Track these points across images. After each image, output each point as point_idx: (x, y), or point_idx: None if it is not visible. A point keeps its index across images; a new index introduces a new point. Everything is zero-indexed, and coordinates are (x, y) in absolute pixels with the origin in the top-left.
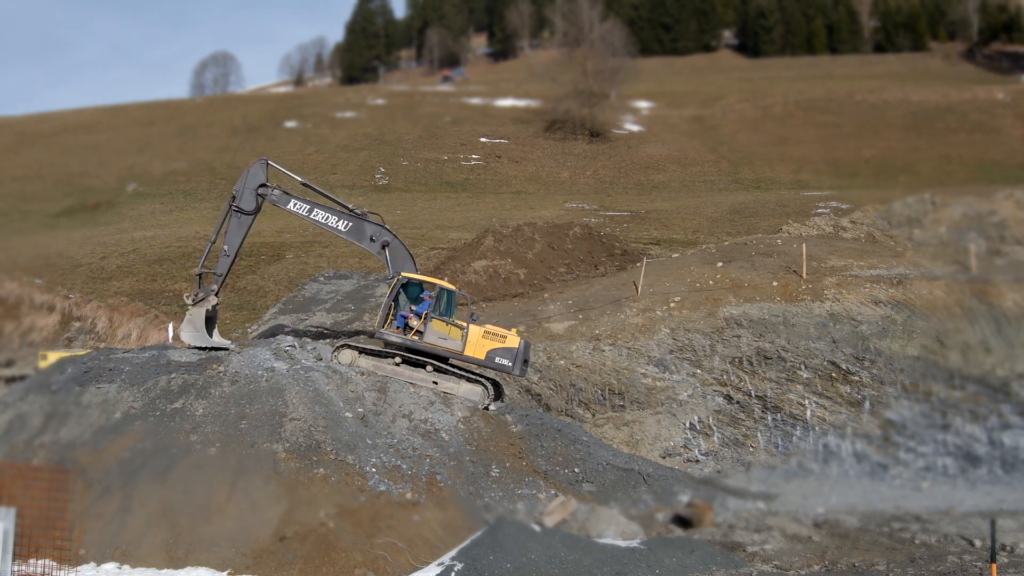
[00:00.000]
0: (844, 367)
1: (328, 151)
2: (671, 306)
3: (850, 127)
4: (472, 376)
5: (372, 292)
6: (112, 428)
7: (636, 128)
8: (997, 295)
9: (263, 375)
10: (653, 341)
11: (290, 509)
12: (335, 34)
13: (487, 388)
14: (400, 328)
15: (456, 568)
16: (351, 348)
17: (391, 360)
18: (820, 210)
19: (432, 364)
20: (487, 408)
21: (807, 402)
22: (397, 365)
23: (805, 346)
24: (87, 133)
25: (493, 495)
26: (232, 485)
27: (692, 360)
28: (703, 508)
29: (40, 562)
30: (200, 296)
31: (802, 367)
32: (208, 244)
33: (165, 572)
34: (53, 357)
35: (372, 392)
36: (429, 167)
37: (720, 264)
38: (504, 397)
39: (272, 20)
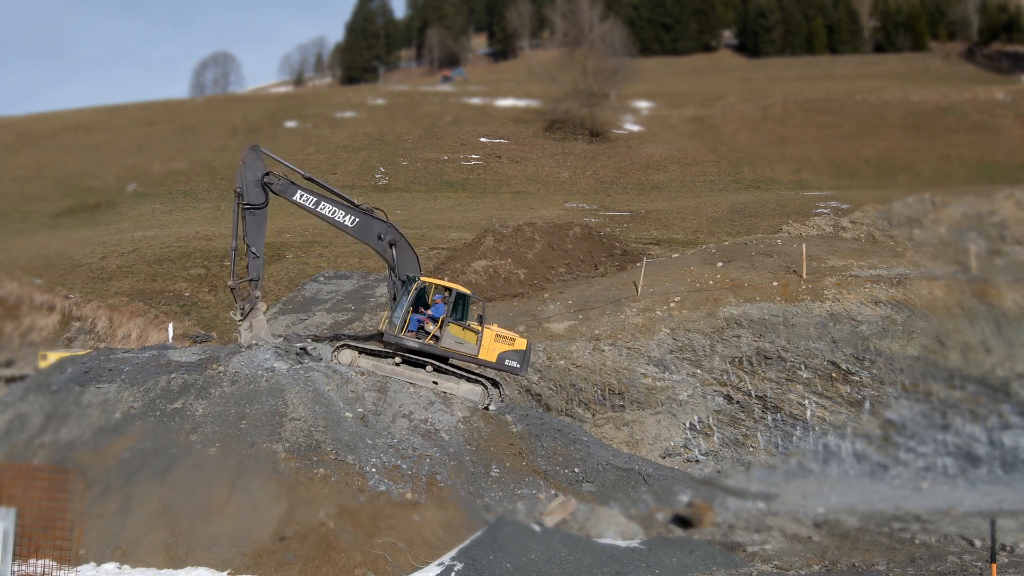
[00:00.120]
0: (844, 367)
1: (328, 151)
2: (671, 306)
3: (850, 127)
4: (471, 376)
5: (372, 292)
6: (112, 428)
7: (636, 128)
8: (997, 295)
9: (263, 375)
10: (653, 341)
11: (290, 509)
12: (335, 34)
13: (487, 388)
14: (413, 332)
15: (456, 568)
16: (351, 348)
17: (391, 360)
18: (820, 210)
19: (432, 364)
20: (487, 408)
21: (807, 402)
22: (397, 365)
23: (805, 346)
24: (87, 133)
25: (493, 495)
26: (232, 485)
27: (692, 360)
28: (703, 508)
29: (40, 562)
30: (247, 308)
31: (802, 367)
32: (232, 252)
33: (165, 572)
34: (53, 357)
35: (372, 392)
36: (429, 167)
37: (720, 264)
38: (504, 395)
39: (273, 20)
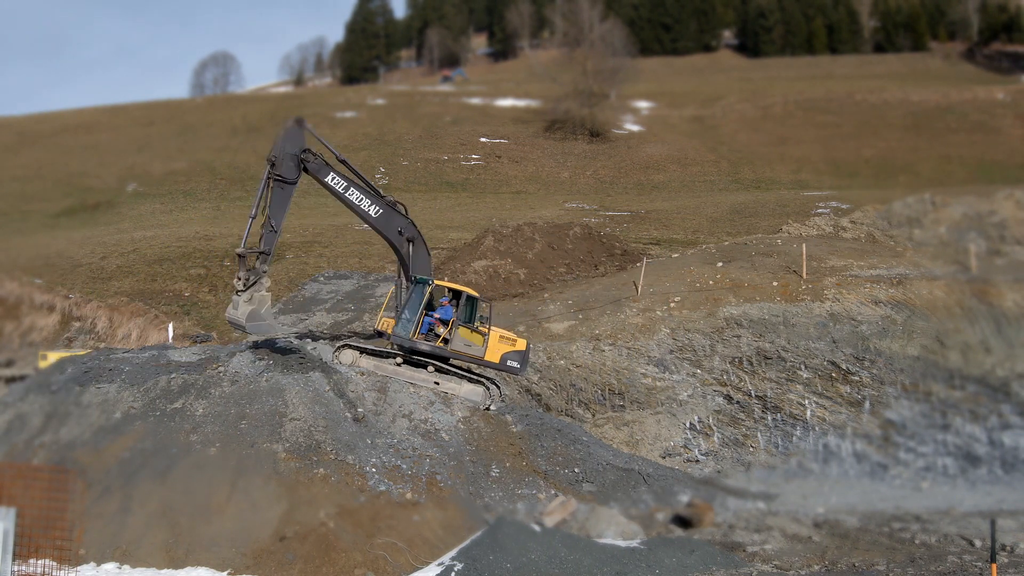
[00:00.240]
0: (844, 367)
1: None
2: (671, 306)
3: (850, 127)
4: (472, 376)
5: (372, 292)
6: (112, 428)
7: (636, 128)
8: (997, 295)
9: (263, 375)
10: (653, 341)
11: (290, 509)
12: (335, 34)
13: (488, 388)
14: (423, 335)
15: (456, 568)
16: (352, 348)
17: (392, 360)
18: (820, 210)
19: (433, 364)
20: (488, 408)
21: (807, 402)
22: (398, 365)
23: (805, 346)
24: (87, 133)
25: (493, 495)
26: (232, 485)
27: (692, 360)
28: (703, 508)
29: (40, 562)
30: (251, 279)
31: (802, 367)
32: (249, 220)
33: (165, 572)
34: (53, 357)
35: (372, 392)
36: (429, 167)
37: (720, 264)
38: (504, 395)
39: (275, 19)
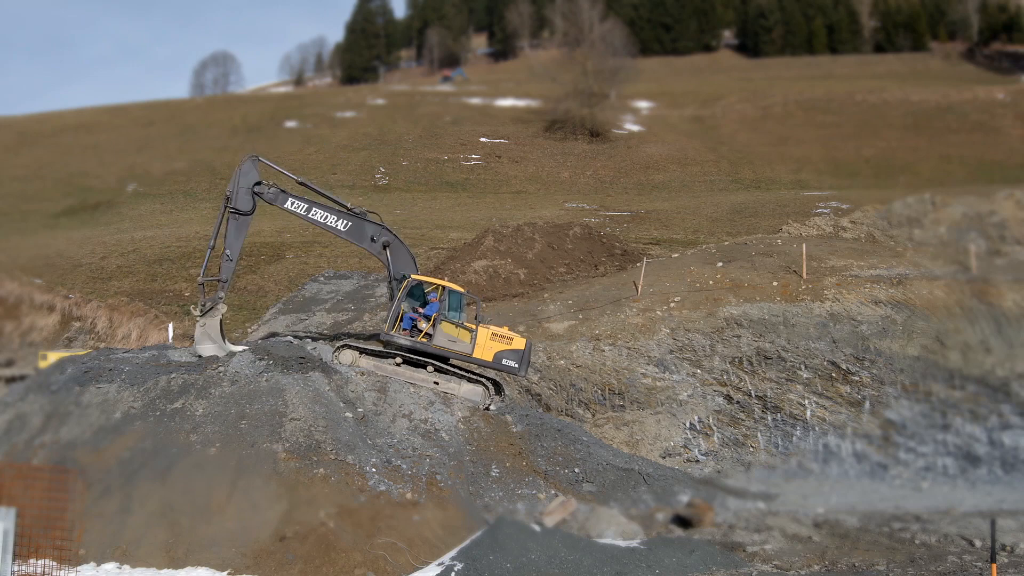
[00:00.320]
0: (844, 367)
1: (328, 151)
2: (671, 306)
3: (850, 127)
4: (472, 376)
5: (372, 292)
6: (112, 428)
7: (636, 128)
8: (997, 295)
9: (263, 375)
10: (653, 341)
11: (290, 509)
12: (335, 34)
13: (488, 388)
14: (407, 330)
15: (456, 568)
16: (352, 348)
17: (392, 360)
18: (820, 210)
19: (433, 364)
20: (487, 408)
21: (807, 402)
22: (398, 365)
23: (805, 346)
24: (87, 133)
25: (493, 495)
26: (232, 485)
27: (692, 360)
28: (703, 508)
29: (40, 562)
30: (208, 305)
31: (802, 367)
32: (208, 251)
33: (165, 572)
34: (53, 357)
35: (372, 392)
36: (429, 167)
37: (720, 264)
38: (504, 395)
39: (279, 18)
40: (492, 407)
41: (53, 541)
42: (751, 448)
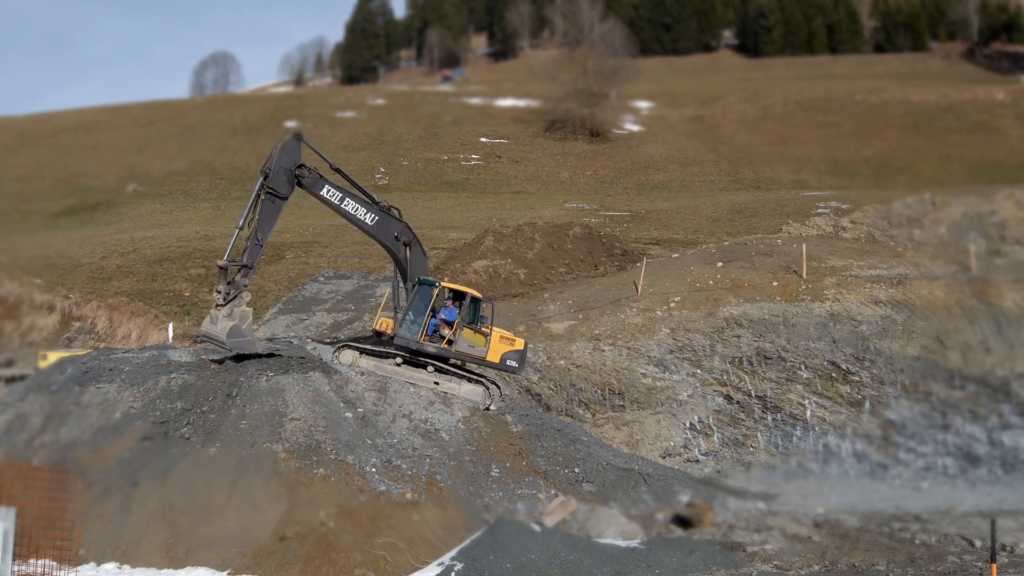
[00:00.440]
0: (844, 367)
1: (328, 151)
2: (671, 306)
3: (850, 127)
4: (472, 376)
5: (372, 292)
6: (112, 428)
7: (636, 128)
8: (997, 295)
9: (263, 375)
10: (653, 341)
11: (290, 509)
12: (335, 34)
13: (488, 388)
14: (428, 336)
15: (456, 568)
16: (352, 348)
17: (392, 360)
18: (820, 210)
19: (433, 364)
20: (488, 408)
21: (807, 402)
22: (398, 366)
23: (805, 346)
24: (87, 133)
25: (493, 495)
26: (232, 485)
27: (692, 360)
28: (703, 508)
29: (40, 562)
30: (232, 294)
31: (802, 367)
32: (235, 232)
33: (165, 572)
34: (53, 357)
35: (372, 392)
36: (429, 167)
37: (720, 264)
38: (504, 395)
39: (279, 18)
40: (492, 407)
41: (53, 541)
42: (751, 448)
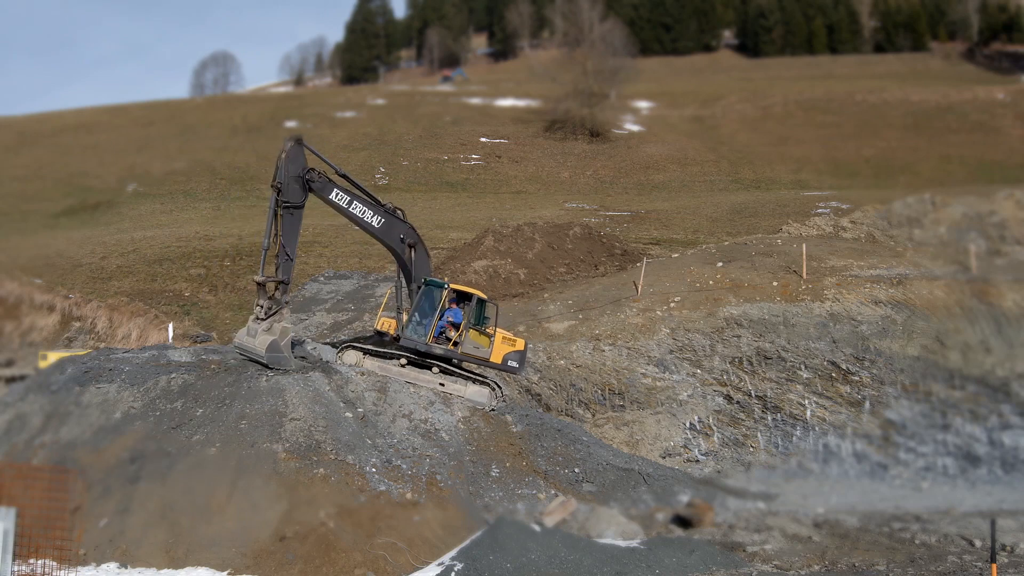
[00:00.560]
0: (844, 367)
1: (328, 151)
2: (671, 306)
3: (850, 127)
4: (474, 377)
5: (372, 292)
6: (112, 428)
7: (636, 128)
8: (997, 295)
9: (263, 375)
10: (653, 341)
11: (290, 509)
12: (335, 34)
13: (493, 390)
14: (436, 338)
15: (456, 568)
16: (356, 349)
17: (396, 361)
18: (820, 210)
19: (438, 365)
20: (492, 409)
21: (807, 402)
22: (402, 367)
23: (805, 346)
24: (87, 133)
25: (493, 495)
26: (232, 485)
27: (692, 360)
28: (703, 508)
29: (40, 562)
30: (273, 309)
31: (802, 367)
32: (263, 252)
33: (165, 572)
34: (53, 357)
35: (372, 392)
36: (429, 167)
37: (720, 264)
38: (504, 395)
39: (280, 18)
40: (494, 407)
41: (53, 541)
42: (751, 448)
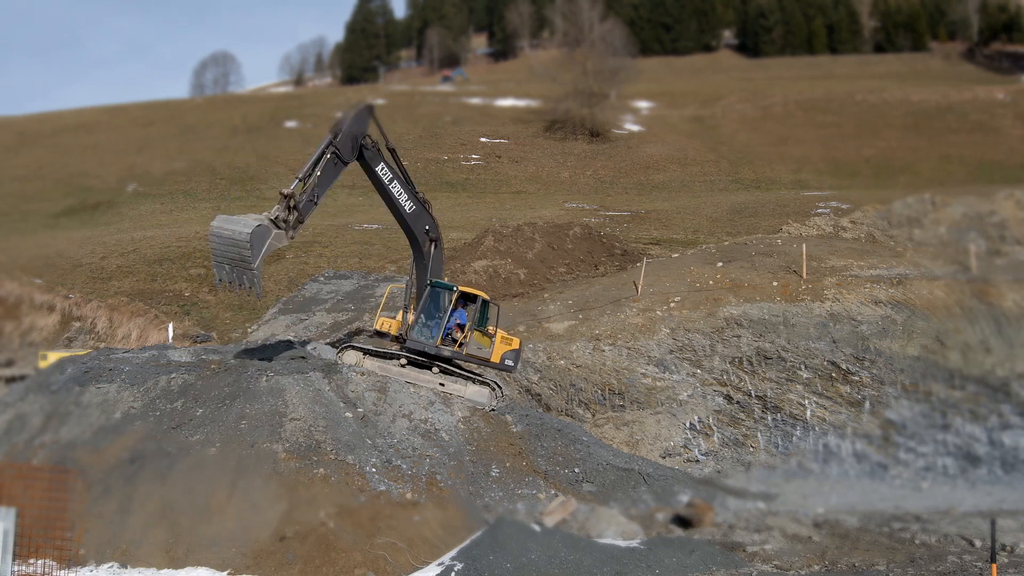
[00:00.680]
0: (844, 367)
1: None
2: (671, 306)
3: (850, 127)
4: (473, 376)
5: (372, 292)
6: (112, 428)
7: (636, 128)
8: (997, 295)
9: (263, 375)
10: (653, 341)
11: (290, 509)
12: (335, 34)
13: (494, 390)
14: (442, 339)
15: (456, 568)
16: (356, 349)
17: (396, 361)
18: (820, 210)
19: (438, 366)
20: (492, 410)
21: (807, 402)
22: (402, 367)
23: (805, 346)
24: (87, 133)
25: (493, 495)
26: (232, 485)
27: (692, 360)
28: (703, 508)
29: (40, 562)
30: (281, 222)
31: (802, 367)
32: (295, 180)
33: (165, 572)
34: (53, 357)
35: (372, 392)
36: (429, 167)
37: (720, 264)
38: (504, 395)
39: (280, 18)
40: (494, 406)
41: (53, 541)
42: (751, 448)
